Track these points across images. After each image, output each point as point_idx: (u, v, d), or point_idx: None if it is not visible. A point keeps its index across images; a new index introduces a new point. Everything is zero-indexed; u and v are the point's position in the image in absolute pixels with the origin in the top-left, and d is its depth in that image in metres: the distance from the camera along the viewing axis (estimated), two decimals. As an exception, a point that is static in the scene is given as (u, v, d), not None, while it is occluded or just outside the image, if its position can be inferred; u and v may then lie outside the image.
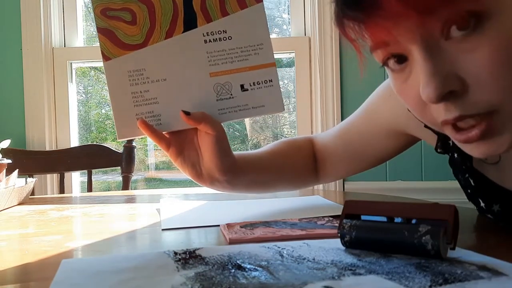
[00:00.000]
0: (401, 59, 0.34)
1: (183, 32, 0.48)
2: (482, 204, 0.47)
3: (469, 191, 0.49)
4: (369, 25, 0.32)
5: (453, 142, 0.48)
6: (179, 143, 0.48)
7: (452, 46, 0.31)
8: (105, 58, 0.47)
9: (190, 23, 0.48)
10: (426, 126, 0.49)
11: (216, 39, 0.48)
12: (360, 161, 0.61)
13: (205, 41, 0.48)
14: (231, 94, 0.49)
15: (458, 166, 0.49)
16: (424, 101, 0.33)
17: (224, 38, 0.48)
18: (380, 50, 0.35)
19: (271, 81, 0.51)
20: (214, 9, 0.48)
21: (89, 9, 1.52)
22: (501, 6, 0.30)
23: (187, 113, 0.46)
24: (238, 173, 0.51)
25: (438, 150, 0.50)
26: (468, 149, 0.34)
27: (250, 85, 0.50)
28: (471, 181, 0.47)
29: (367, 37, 0.34)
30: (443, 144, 0.50)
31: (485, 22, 0.29)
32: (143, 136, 0.49)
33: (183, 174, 0.51)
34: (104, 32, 0.47)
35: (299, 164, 0.60)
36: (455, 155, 0.48)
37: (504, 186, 0.44)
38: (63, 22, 1.38)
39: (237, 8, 0.49)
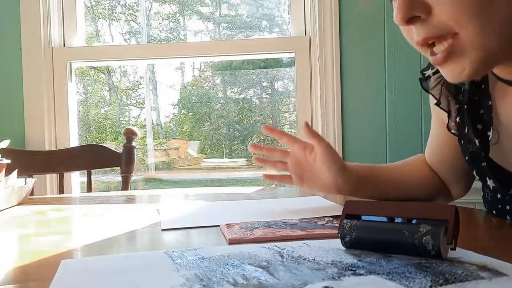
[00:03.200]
0: None
1: None
2: (476, 176, 0.51)
3: (467, 157, 0.52)
4: None
5: (462, 117, 0.52)
6: (298, 173, 0.58)
7: None
8: None
9: None
10: (437, 103, 0.55)
11: None
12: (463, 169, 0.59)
13: None
14: None
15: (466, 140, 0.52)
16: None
17: None
18: None
19: None
20: None
21: (88, 8, 1.52)
22: None
23: (306, 124, 0.55)
24: (359, 181, 0.57)
25: (452, 131, 0.55)
26: (443, 72, 0.41)
27: None
28: (476, 142, 0.50)
29: None
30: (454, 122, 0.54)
31: None
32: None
33: (182, 174, 0.51)
34: None
35: (425, 181, 0.63)
36: (466, 128, 0.52)
37: (502, 166, 0.48)
38: (63, 21, 1.38)
39: None
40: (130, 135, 1.16)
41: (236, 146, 1.68)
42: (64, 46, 1.37)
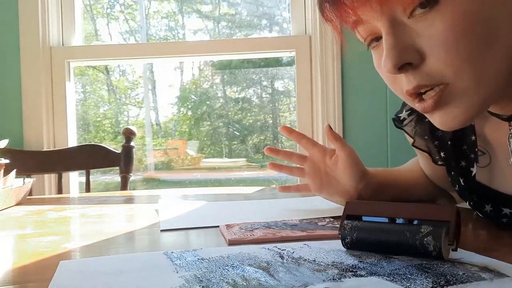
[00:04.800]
0: (378, 38, 0.38)
1: None
2: (471, 203, 0.49)
3: (457, 188, 0.51)
4: (338, 6, 0.36)
5: (446, 150, 0.51)
6: (316, 179, 0.57)
7: (413, 22, 0.34)
8: None
9: None
10: (413, 144, 0.54)
11: None
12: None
13: None
14: None
15: (452, 167, 0.51)
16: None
17: None
18: (358, 30, 0.38)
19: None
20: None
21: (87, 7, 1.52)
22: None
23: (330, 127, 0.54)
24: (378, 185, 0.56)
25: (439, 163, 0.54)
26: (432, 119, 0.38)
27: None
28: (461, 181, 0.49)
29: (337, 18, 0.38)
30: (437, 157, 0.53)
31: (439, 1, 0.33)
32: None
33: (181, 174, 0.51)
34: None
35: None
36: (452, 163, 0.50)
37: (491, 187, 0.46)
38: (61, 21, 1.37)
39: None
40: (129, 134, 1.15)
41: (235, 145, 1.68)
42: (62, 45, 1.37)
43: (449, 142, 0.50)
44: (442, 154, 0.52)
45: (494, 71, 0.34)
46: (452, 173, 0.51)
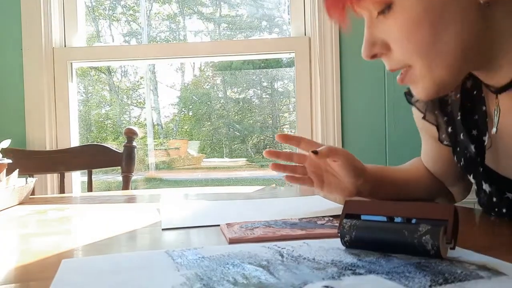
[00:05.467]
0: None
1: None
2: (473, 181, 0.53)
3: (462, 162, 0.54)
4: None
5: (455, 127, 0.55)
6: (318, 177, 0.58)
7: (383, 20, 0.45)
8: None
9: None
10: (423, 117, 0.58)
11: None
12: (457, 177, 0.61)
13: None
14: None
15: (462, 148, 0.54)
16: None
17: None
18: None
19: None
20: None
21: (89, 9, 1.52)
22: None
23: (315, 152, 0.52)
24: (376, 181, 0.58)
25: (444, 143, 0.57)
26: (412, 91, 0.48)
27: None
28: (472, 147, 0.52)
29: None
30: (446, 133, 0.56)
31: (393, 6, 0.43)
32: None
33: (183, 174, 0.51)
34: None
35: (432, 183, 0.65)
36: (461, 135, 0.54)
37: (496, 171, 0.49)
38: (64, 22, 1.38)
39: None
40: (130, 135, 1.16)
41: (236, 146, 1.68)
42: (65, 46, 1.37)
43: (459, 113, 0.53)
44: (449, 129, 0.56)
45: (444, 57, 0.43)
46: (458, 149, 0.54)
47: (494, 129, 0.48)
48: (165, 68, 1.71)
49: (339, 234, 0.35)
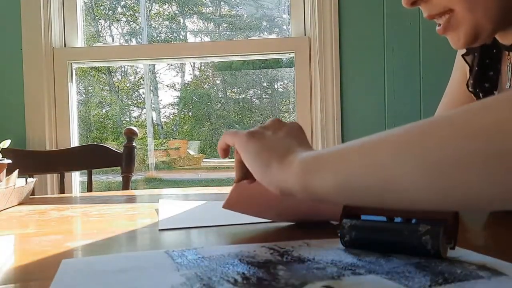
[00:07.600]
0: None
1: None
2: None
3: None
4: None
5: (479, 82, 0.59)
6: None
7: None
8: None
9: None
10: (462, 55, 0.62)
11: None
12: None
13: None
14: None
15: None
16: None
17: None
18: None
19: None
20: None
21: (89, 9, 1.52)
22: None
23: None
24: None
25: (469, 89, 0.61)
26: (449, 40, 0.50)
27: None
28: (481, 96, 0.57)
29: None
30: (474, 80, 0.60)
31: None
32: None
33: (182, 174, 0.51)
34: None
35: None
36: (480, 95, 0.58)
37: None
38: (63, 22, 1.38)
39: None
40: (130, 135, 1.16)
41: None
42: (64, 46, 1.37)
43: (475, 68, 0.58)
44: (470, 80, 0.60)
45: (484, 5, 0.45)
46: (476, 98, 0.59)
47: (507, 84, 0.52)
48: (165, 68, 1.71)
49: (339, 234, 0.35)
